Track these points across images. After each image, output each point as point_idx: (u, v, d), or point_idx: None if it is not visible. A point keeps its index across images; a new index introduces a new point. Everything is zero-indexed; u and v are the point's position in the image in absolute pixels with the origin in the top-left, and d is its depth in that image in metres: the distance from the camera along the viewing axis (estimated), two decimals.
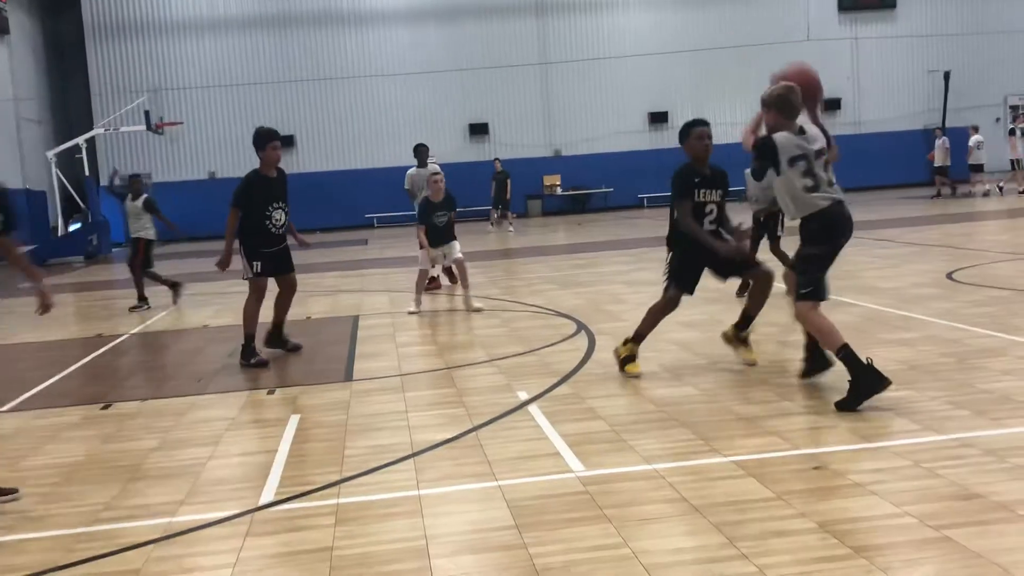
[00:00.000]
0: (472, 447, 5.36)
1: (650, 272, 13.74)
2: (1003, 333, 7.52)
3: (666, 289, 6.98)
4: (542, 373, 7.20)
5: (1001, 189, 26.17)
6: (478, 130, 32.98)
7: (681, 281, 6.91)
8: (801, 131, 5.78)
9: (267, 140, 8.33)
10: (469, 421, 5.90)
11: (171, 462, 5.54)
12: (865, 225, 17.74)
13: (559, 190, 33.11)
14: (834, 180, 5.82)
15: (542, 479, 4.73)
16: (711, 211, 6.88)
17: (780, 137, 5.71)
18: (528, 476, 4.78)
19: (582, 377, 7.03)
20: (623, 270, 14.35)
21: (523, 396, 6.44)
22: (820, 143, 5.79)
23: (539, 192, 33.05)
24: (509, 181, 25.67)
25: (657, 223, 23.76)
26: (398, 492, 4.70)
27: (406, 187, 13.74)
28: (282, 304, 8.87)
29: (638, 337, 7.06)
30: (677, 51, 32.72)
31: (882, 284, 10.76)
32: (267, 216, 8.32)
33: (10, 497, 4.94)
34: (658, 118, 33.43)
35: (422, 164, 13.32)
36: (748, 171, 6.18)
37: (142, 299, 13.10)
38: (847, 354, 5.54)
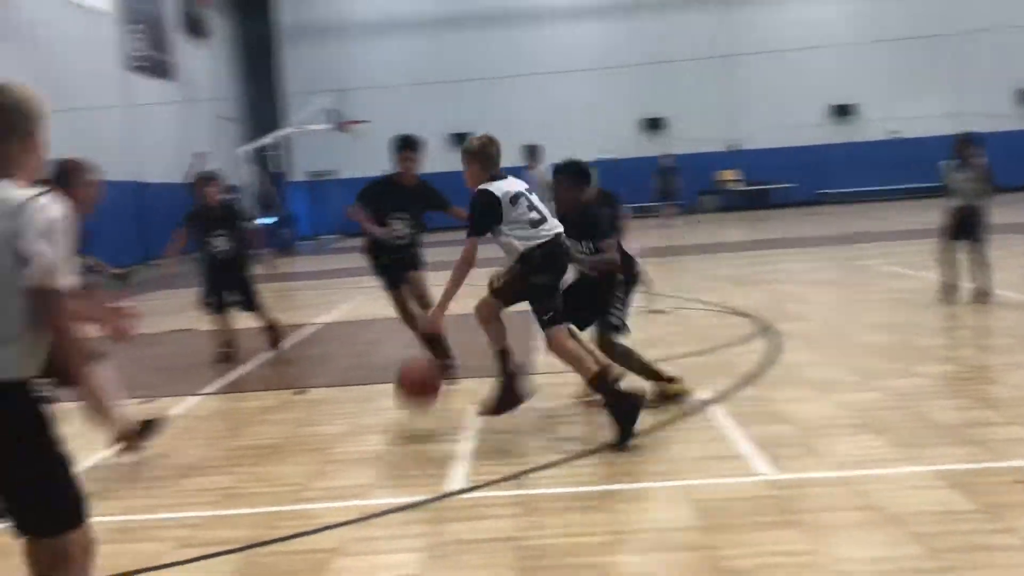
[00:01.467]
0: (655, 446, 5.33)
1: (833, 271, 13.28)
2: None
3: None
4: (723, 373, 7.06)
5: None
6: (654, 125, 32.67)
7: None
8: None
9: (398, 149, 7.86)
10: (650, 419, 5.85)
11: (361, 446, 5.77)
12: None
13: (737, 185, 32.38)
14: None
15: (728, 481, 4.64)
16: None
17: None
18: (713, 477, 4.71)
19: (766, 379, 6.85)
20: (805, 268, 13.91)
21: (705, 396, 6.34)
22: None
23: (716, 187, 32.43)
24: (677, 176, 25.33)
25: (841, 219, 22.92)
26: (582, 487, 4.72)
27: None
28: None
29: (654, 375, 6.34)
30: (863, 42, 31.36)
31: None
32: (385, 223, 7.72)
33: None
34: (842, 111, 32.16)
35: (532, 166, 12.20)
36: (943, 163, 5.85)
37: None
38: (600, 384, 5.41)
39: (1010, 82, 30.15)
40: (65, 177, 5.45)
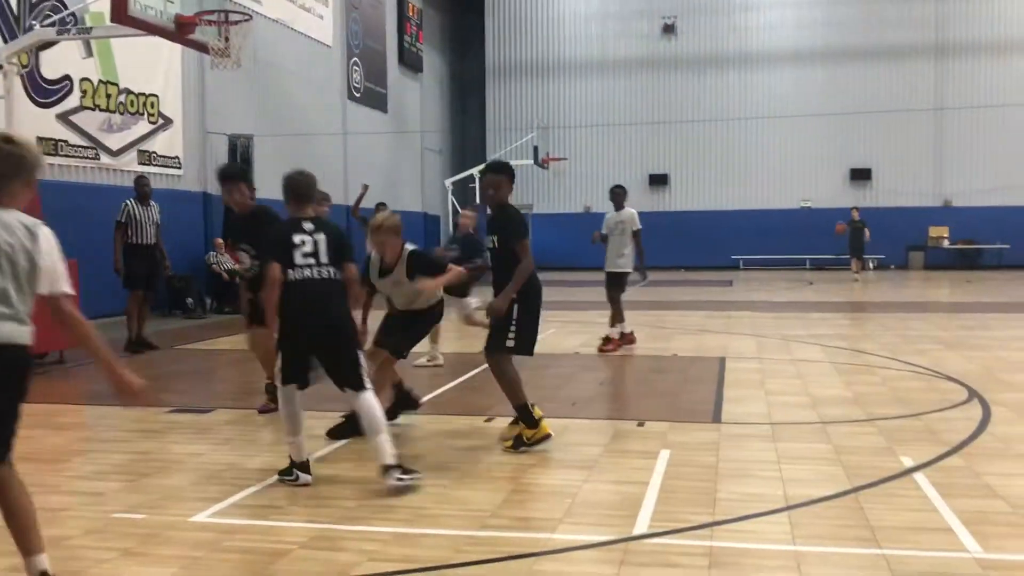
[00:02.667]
0: (852, 509, 5.10)
1: None
2: None
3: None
4: (929, 440, 6.69)
5: None
6: (860, 175, 31.54)
7: None
8: None
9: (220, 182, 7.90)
10: (847, 481, 5.61)
11: (549, 480, 5.81)
12: None
13: (946, 243, 30.76)
14: None
15: (932, 554, 4.38)
16: None
17: None
18: (916, 549, 4.45)
19: (975, 449, 6.44)
20: (1018, 335, 13.02)
21: (908, 463, 6.01)
22: None
23: (923, 244, 30.92)
24: (867, 231, 24.33)
25: None
26: (773, 544, 4.57)
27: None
28: None
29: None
30: None
31: None
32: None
33: (410, 478, 5.46)
34: None
35: (618, 207, 11.96)
36: None
37: None
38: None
39: None
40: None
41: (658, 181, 33.02)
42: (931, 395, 8.52)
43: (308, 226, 5.77)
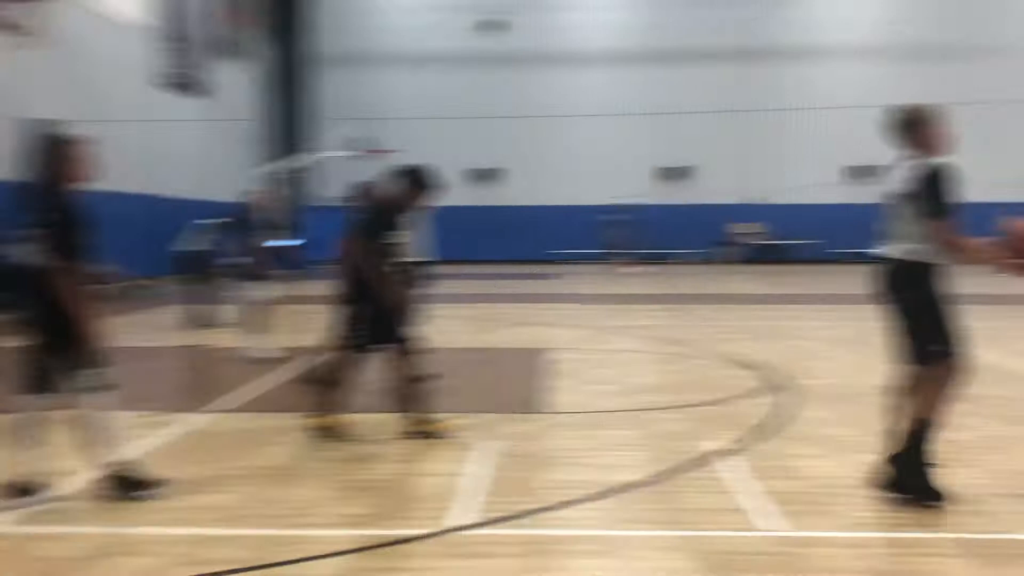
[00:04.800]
0: (661, 494, 5.30)
1: (850, 330, 13.23)
2: None
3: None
4: (732, 425, 7.03)
5: None
6: (675, 173, 32.81)
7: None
8: None
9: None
10: (658, 466, 5.83)
11: (371, 475, 5.76)
12: None
13: (755, 238, 32.41)
14: None
15: (732, 534, 4.61)
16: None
17: None
18: (717, 530, 4.67)
19: (775, 434, 6.81)
20: (821, 325, 13.87)
21: (713, 447, 6.30)
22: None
23: (734, 239, 32.47)
24: (629, 228, 25.61)
25: (857, 278, 22.85)
26: (586, 530, 4.69)
27: None
28: None
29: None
30: (886, 105, 31.43)
31: None
32: None
33: (148, 493, 5.18)
34: (860, 172, 32.27)
35: None
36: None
37: None
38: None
39: None
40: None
41: (484, 176, 33.31)
42: (737, 382, 8.95)
43: None
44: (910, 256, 4.98)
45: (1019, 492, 5.31)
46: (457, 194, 29.14)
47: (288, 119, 33.88)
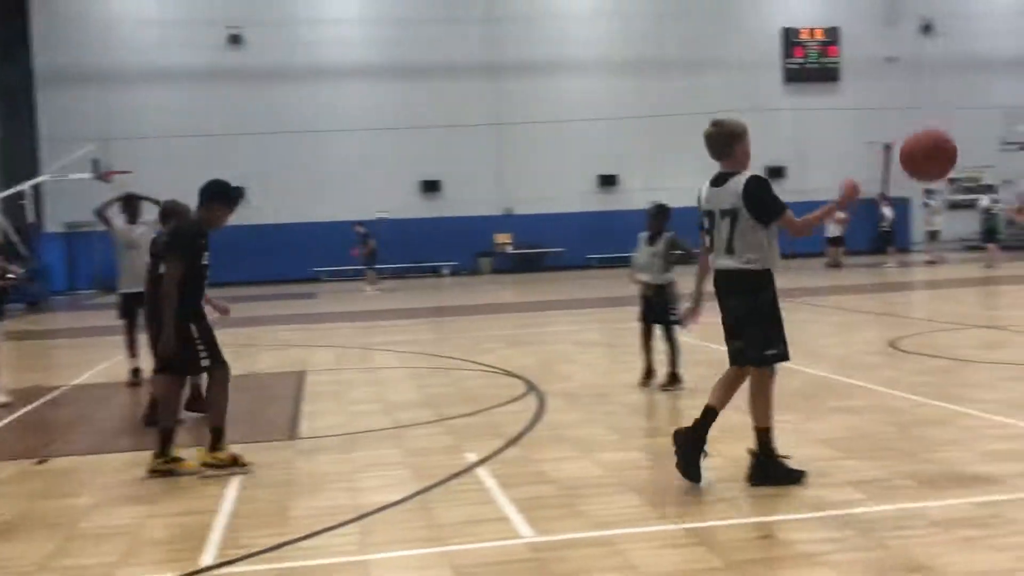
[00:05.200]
0: (418, 511, 5.28)
1: (599, 333, 13.81)
2: (946, 403, 7.63)
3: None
4: (491, 435, 7.13)
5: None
6: (431, 186, 33.08)
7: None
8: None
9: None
10: (416, 483, 5.81)
11: (108, 520, 5.37)
12: (815, 291, 18.03)
13: (510, 248, 33.25)
14: None
15: (489, 545, 4.65)
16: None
17: None
18: (475, 542, 4.70)
19: (531, 439, 6.97)
20: (573, 330, 14.38)
21: (472, 458, 6.36)
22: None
23: (490, 250, 33.16)
24: (372, 242, 25.95)
25: (605, 283, 23.92)
26: (341, 557, 4.59)
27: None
28: None
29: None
30: (628, 117, 33.23)
31: (829, 351, 10.90)
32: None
33: None
34: (607, 181, 33.87)
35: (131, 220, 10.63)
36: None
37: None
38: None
39: (755, 160, 32.85)
40: None
41: (237, 194, 32.21)
42: (495, 391, 9.10)
43: None
44: (747, 265, 5.40)
45: (744, 478, 5.68)
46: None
47: (16, 141, 31.39)
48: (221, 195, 6.77)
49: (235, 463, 6.32)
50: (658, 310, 8.82)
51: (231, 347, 12.47)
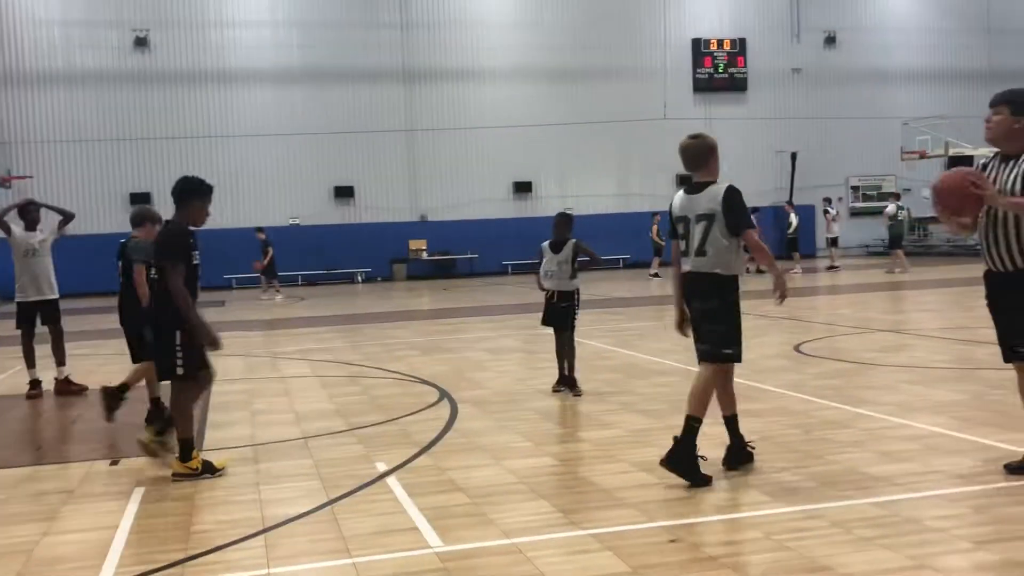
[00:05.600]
0: (327, 522, 5.20)
1: (513, 339, 13.84)
2: (848, 405, 7.84)
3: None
4: (402, 443, 7.08)
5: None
6: (344, 192, 32.78)
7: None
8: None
9: None
10: (325, 494, 5.73)
11: (0, 539, 5.16)
12: None
13: (425, 255, 33.15)
14: None
15: (399, 555, 4.61)
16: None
17: None
18: (384, 553, 4.65)
19: (442, 447, 6.94)
20: (486, 336, 14.38)
21: (382, 467, 6.31)
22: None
23: (404, 256, 33.00)
24: (270, 249, 25.43)
25: (521, 289, 24.02)
26: (247, 571, 4.49)
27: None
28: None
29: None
30: (543, 124, 33.45)
31: None
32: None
33: None
34: (522, 187, 34.01)
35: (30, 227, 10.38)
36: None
37: None
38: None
39: (668, 168, 33.43)
40: None
41: (139, 200, 31.43)
42: (407, 399, 9.05)
43: None
44: (716, 270, 5.68)
45: (653, 482, 5.75)
46: (117, 221, 27.66)
47: None
48: (193, 191, 6.73)
49: (210, 470, 6.29)
50: (559, 315, 8.97)
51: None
